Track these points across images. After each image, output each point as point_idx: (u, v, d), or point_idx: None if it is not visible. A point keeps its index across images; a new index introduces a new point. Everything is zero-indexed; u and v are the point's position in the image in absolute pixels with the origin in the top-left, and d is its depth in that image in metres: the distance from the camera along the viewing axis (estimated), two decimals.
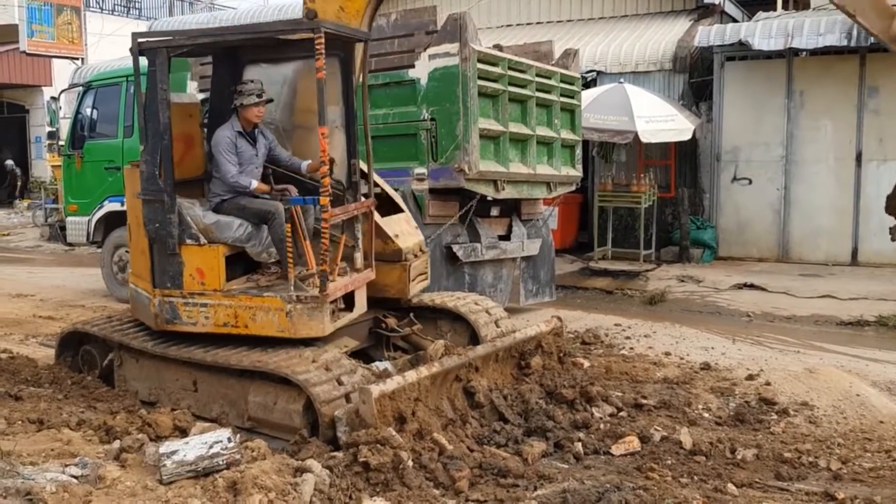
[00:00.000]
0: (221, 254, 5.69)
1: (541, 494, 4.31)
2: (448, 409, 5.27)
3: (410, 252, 6.66)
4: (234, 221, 5.83)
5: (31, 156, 26.54)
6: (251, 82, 5.96)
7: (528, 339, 6.07)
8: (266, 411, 5.23)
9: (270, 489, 3.81)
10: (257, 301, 5.53)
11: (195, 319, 5.67)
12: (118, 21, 26.32)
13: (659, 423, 5.60)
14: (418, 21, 8.67)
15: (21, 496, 3.69)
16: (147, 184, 5.74)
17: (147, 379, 5.99)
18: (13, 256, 15.56)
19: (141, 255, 5.97)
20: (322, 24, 5.25)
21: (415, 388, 4.93)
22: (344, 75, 6.13)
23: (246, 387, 5.40)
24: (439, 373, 5.20)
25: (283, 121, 6.57)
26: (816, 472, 4.88)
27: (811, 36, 12.05)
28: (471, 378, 5.50)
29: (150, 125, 5.68)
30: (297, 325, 5.42)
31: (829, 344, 8.36)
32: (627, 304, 10.75)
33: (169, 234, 5.65)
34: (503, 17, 16.78)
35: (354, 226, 6.11)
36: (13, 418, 5.18)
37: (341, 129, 6.25)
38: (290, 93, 6.51)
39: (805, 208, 13.13)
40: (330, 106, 5.96)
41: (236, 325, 5.58)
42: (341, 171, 6.27)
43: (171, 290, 5.71)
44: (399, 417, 4.75)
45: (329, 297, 5.42)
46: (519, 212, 9.77)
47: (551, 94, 9.50)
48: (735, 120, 13.50)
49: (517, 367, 6.00)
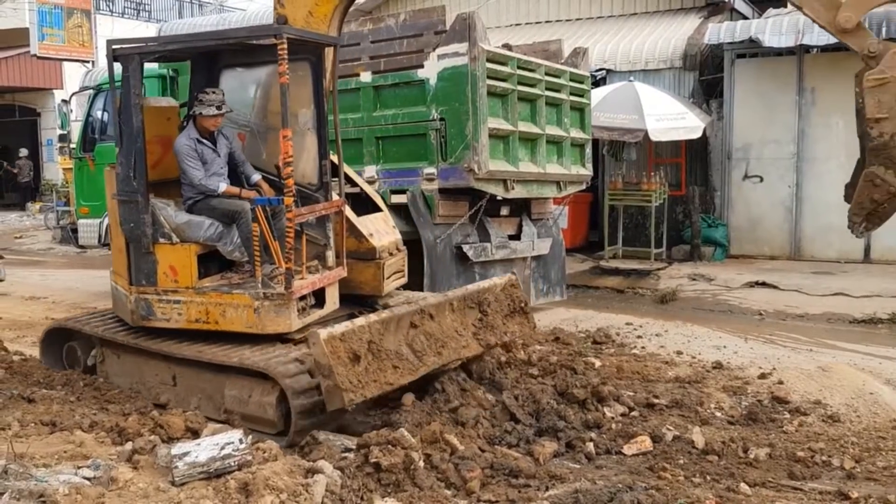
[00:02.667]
0: (193, 252, 5.92)
1: (552, 495, 4.30)
2: (408, 352, 5.36)
3: (385, 250, 6.79)
4: (205, 221, 6.02)
5: (43, 158, 26.70)
6: (213, 93, 6.13)
7: (483, 290, 6.21)
8: (241, 404, 5.43)
9: (282, 490, 3.82)
10: (227, 298, 5.76)
11: (169, 316, 5.91)
12: (128, 24, 26.41)
13: (671, 422, 5.58)
14: (427, 21, 8.67)
15: (34, 498, 3.70)
16: (122, 185, 5.98)
17: (128, 374, 6.20)
18: (26, 259, 15.64)
19: (119, 253, 6.23)
20: (284, 31, 5.45)
21: (365, 330, 5.07)
22: (315, 79, 6.27)
23: (222, 381, 5.61)
24: (390, 318, 5.31)
25: (258, 123, 6.74)
26: (830, 471, 4.85)
27: (822, 32, 11.79)
28: (426, 325, 5.60)
29: (124, 129, 5.92)
30: (265, 322, 5.64)
31: (841, 342, 8.31)
32: (639, 303, 10.72)
33: (143, 233, 5.90)
34: (512, 17, 16.75)
35: (326, 224, 6.30)
36: (26, 420, 5.21)
37: (313, 132, 6.40)
38: (265, 96, 6.68)
39: (817, 206, 13.04)
40: (302, 109, 6.28)
41: (207, 322, 5.82)
42: (313, 171, 6.42)
43: (146, 287, 5.97)
44: (353, 357, 4.92)
45: (295, 295, 5.60)
46: (529, 211, 9.75)
47: (561, 93, 9.48)
48: (746, 117, 13.43)
49: (478, 319, 6.08)
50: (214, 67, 6.58)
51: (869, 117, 5.03)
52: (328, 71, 6.26)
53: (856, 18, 5.09)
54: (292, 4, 6.07)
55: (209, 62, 6.58)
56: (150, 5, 29.29)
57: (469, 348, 5.86)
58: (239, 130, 6.76)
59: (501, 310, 6.32)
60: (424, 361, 5.41)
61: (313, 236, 6.23)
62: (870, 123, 5.03)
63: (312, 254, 6.20)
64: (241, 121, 6.67)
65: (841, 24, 5.08)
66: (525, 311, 6.49)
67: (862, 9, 5.10)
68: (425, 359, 5.43)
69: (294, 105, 6.06)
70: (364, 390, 4.93)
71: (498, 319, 6.24)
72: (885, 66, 4.99)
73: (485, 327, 6.10)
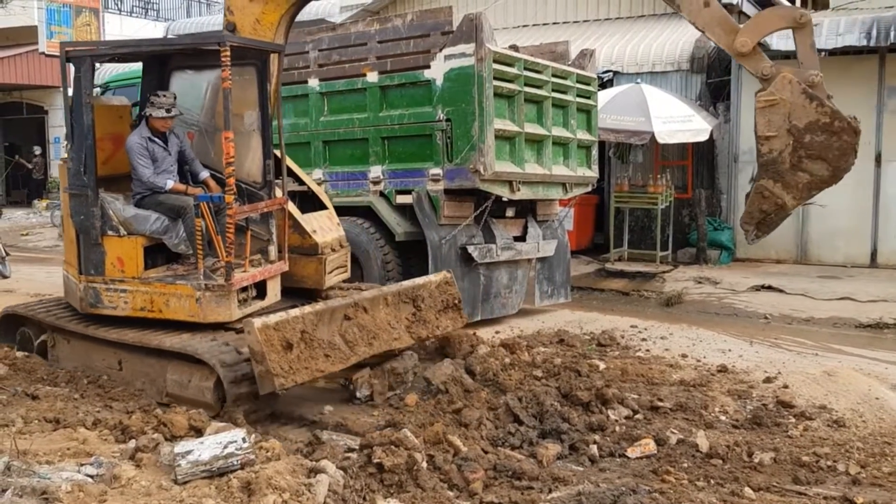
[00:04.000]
0: (140, 244, 6.25)
1: (555, 497, 4.29)
2: (340, 342, 5.74)
3: (328, 246, 7.08)
4: (152, 215, 6.31)
5: (50, 156, 26.76)
6: (164, 96, 6.45)
7: (418, 286, 6.66)
8: (182, 388, 5.78)
9: (284, 490, 3.81)
10: (171, 288, 6.10)
11: (115, 304, 6.25)
12: (136, 22, 26.43)
13: (675, 425, 5.56)
14: (434, 21, 8.67)
15: (37, 495, 3.70)
16: (73, 179, 6.30)
17: (77, 359, 6.53)
18: (32, 256, 15.68)
19: (70, 244, 6.58)
20: (227, 39, 5.78)
21: (299, 321, 5.44)
22: (260, 83, 6.57)
23: (165, 366, 5.93)
24: (324, 310, 5.71)
25: (206, 123, 7.05)
26: (835, 476, 4.83)
27: (830, 36, 11.94)
28: (360, 317, 5.98)
29: (76, 126, 6.22)
30: (206, 311, 5.97)
31: (847, 346, 8.28)
32: (644, 305, 10.70)
33: (92, 225, 6.23)
34: (519, 18, 16.75)
35: (269, 221, 6.58)
36: (30, 417, 5.21)
37: (258, 133, 6.70)
38: (213, 98, 6.95)
39: (823, 210, 12.97)
40: (247, 111, 6.66)
41: (152, 310, 6.15)
42: (258, 171, 6.72)
43: (94, 276, 6.29)
44: (286, 345, 5.29)
45: (235, 286, 5.93)
46: (534, 213, 9.75)
47: (567, 95, 9.48)
48: (753, 120, 13.37)
49: (412, 314, 6.51)
50: (165, 70, 6.98)
51: (759, 135, 5.58)
52: (273, 76, 6.59)
53: (751, 43, 5.53)
54: (241, 13, 6.46)
55: (160, 65, 6.98)
56: (159, 4, 29.31)
57: (400, 340, 6.27)
58: (188, 129, 7.08)
59: (435, 305, 6.73)
60: (356, 351, 5.80)
61: (257, 232, 6.52)
62: (760, 140, 5.57)
63: (256, 248, 6.49)
64: (190, 120, 7.02)
65: (738, 48, 5.52)
66: (457, 307, 6.93)
67: (756, 35, 5.53)
68: (356, 349, 5.82)
69: (240, 107, 6.50)
70: (295, 376, 5.29)
71: (431, 314, 6.65)
72: (774, 89, 5.53)
73: (418, 321, 6.52)
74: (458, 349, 6.91)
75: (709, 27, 5.57)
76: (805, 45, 5.61)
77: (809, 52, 5.61)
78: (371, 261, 8.74)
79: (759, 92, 5.56)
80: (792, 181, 5.53)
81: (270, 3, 6.40)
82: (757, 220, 5.71)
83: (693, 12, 5.61)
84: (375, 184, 8.96)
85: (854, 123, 5.48)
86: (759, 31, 5.60)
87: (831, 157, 5.43)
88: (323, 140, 9.32)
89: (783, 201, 5.60)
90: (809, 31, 5.56)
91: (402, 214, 8.86)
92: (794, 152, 5.47)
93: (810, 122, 5.46)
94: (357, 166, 9.10)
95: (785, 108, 5.49)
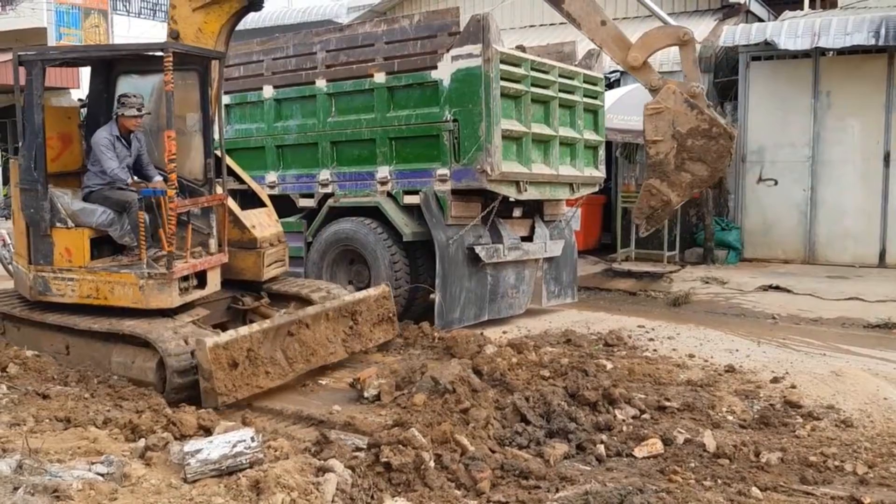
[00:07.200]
0: (87, 236, 6.64)
1: (562, 496, 4.29)
2: (281, 358, 6.27)
3: (266, 241, 7.55)
4: (98, 209, 6.71)
5: None
6: (134, 97, 6.83)
7: (357, 301, 7.16)
8: (126, 369, 6.24)
9: (293, 488, 3.83)
10: (115, 277, 6.50)
11: (63, 292, 6.66)
12: (145, 24, 26.53)
13: (682, 425, 5.56)
14: (441, 22, 8.68)
15: (48, 493, 3.73)
16: (24, 175, 6.71)
17: (27, 344, 6.89)
18: None
19: (20, 235, 7.02)
20: (170, 46, 6.20)
21: (247, 339, 5.96)
22: (202, 86, 7.00)
23: (110, 349, 6.39)
24: (270, 328, 6.23)
25: (151, 124, 7.39)
26: (842, 476, 4.82)
27: (838, 35, 11.90)
28: (302, 333, 6.48)
29: (27, 126, 6.62)
30: (149, 298, 6.37)
31: (855, 346, 8.26)
32: (651, 305, 10.70)
33: (42, 218, 6.63)
34: (526, 18, 16.75)
35: (210, 215, 7.03)
36: (41, 416, 5.24)
37: (199, 133, 7.14)
38: (158, 100, 7.23)
39: (832, 209, 12.98)
40: (190, 113, 7.13)
41: (98, 297, 6.54)
42: (199, 169, 7.17)
43: (43, 266, 6.70)
44: (232, 363, 5.78)
45: (175, 275, 6.34)
46: (541, 213, 9.75)
47: (574, 95, 9.48)
48: (761, 120, 13.37)
49: (349, 328, 7.02)
50: (112, 74, 7.40)
51: (647, 139, 6.33)
52: (215, 81, 7.01)
53: (641, 58, 6.37)
54: (184, 22, 6.88)
55: (107, 69, 7.41)
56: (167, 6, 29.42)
57: (335, 354, 6.81)
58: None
59: (371, 318, 7.26)
60: (294, 368, 6.36)
61: (198, 225, 6.94)
62: (648, 144, 6.33)
63: (197, 241, 6.90)
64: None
65: (630, 62, 6.36)
66: (391, 320, 7.48)
67: (646, 51, 6.40)
68: (295, 365, 6.38)
69: (183, 109, 7.00)
70: (237, 392, 5.82)
71: (366, 328, 7.19)
72: (660, 98, 6.29)
73: (353, 335, 7.04)
74: (465, 349, 6.94)
75: (605, 44, 6.43)
76: (688, 61, 6.39)
77: (692, 66, 6.40)
78: (379, 261, 8.76)
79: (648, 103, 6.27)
80: (676, 180, 6.24)
81: (212, 14, 6.84)
82: (646, 214, 6.39)
83: (592, 30, 6.53)
84: (383, 184, 8.98)
85: (730, 129, 6.22)
86: (648, 47, 6.39)
87: (710, 159, 6.16)
88: (331, 141, 9.34)
89: (668, 198, 6.33)
90: (692, 48, 6.39)
91: (409, 215, 8.88)
92: (677, 154, 6.19)
93: (692, 128, 6.16)
94: (364, 167, 9.12)
95: (670, 116, 6.19)
